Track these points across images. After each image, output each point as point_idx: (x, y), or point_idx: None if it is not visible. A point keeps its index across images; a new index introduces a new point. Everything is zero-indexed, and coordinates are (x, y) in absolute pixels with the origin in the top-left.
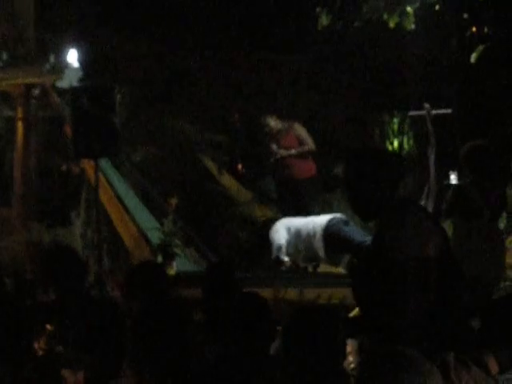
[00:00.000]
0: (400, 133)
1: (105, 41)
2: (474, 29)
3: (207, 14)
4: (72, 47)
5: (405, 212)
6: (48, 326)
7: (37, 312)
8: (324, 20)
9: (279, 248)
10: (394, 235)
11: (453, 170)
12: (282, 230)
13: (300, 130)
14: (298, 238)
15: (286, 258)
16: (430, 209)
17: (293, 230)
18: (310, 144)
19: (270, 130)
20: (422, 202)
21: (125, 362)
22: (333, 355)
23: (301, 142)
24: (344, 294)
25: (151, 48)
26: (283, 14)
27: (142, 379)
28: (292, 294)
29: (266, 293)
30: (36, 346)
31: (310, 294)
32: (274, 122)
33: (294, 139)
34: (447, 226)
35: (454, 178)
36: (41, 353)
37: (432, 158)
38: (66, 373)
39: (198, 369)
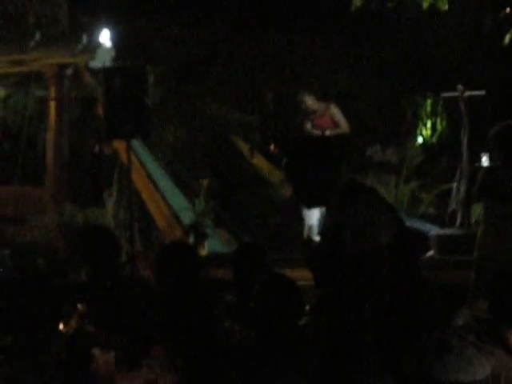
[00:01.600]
0: (433, 114)
1: (137, 21)
2: (507, 10)
3: None
4: (105, 27)
5: (354, 198)
6: (79, 306)
7: (68, 291)
8: (358, 1)
9: (310, 228)
10: (347, 221)
11: (484, 152)
12: (313, 210)
13: (336, 112)
14: None
15: (318, 238)
16: (462, 191)
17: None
18: (344, 126)
19: (306, 108)
20: (455, 184)
21: (155, 341)
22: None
23: (335, 124)
24: None
25: (184, 28)
26: None
27: (172, 359)
28: None
29: (297, 273)
30: (67, 325)
31: None
32: (311, 101)
33: (329, 120)
34: (478, 207)
35: (485, 160)
36: (71, 332)
37: (465, 139)
38: (96, 352)
39: (225, 348)
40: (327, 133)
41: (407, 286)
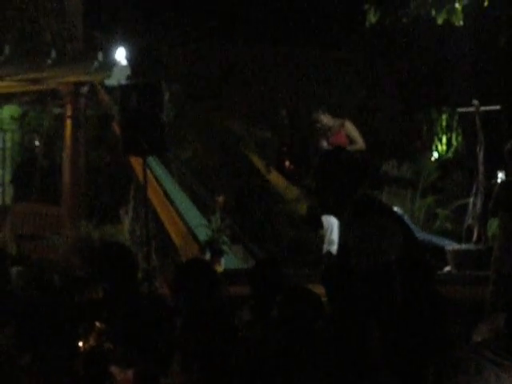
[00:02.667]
0: (448, 129)
1: (152, 38)
2: None
3: (254, 12)
4: (120, 45)
5: (365, 213)
6: (97, 323)
7: (86, 309)
8: (372, 17)
9: (331, 242)
10: (355, 237)
11: (500, 170)
12: (334, 220)
13: (351, 129)
14: None
15: None
16: (478, 206)
17: None
18: (360, 143)
19: (322, 127)
20: (471, 199)
21: (174, 359)
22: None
23: (351, 141)
24: None
25: (199, 45)
26: (331, 11)
27: (191, 376)
28: None
29: (314, 289)
30: (85, 343)
31: None
32: (326, 119)
33: (344, 137)
34: (495, 222)
35: (501, 177)
36: (89, 350)
37: (481, 154)
38: (115, 370)
39: (245, 364)
40: None
41: (421, 301)
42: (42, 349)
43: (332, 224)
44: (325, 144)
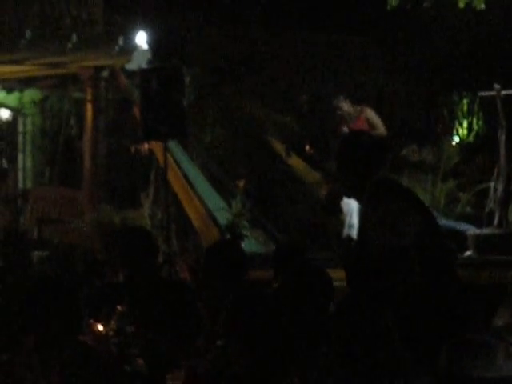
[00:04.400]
0: (469, 113)
1: (173, 22)
2: None
3: None
4: (140, 29)
5: (383, 197)
6: (119, 307)
7: (107, 292)
8: (393, 0)
9: (351, 226)
10: (372, 220)
11: None
12: (355, 204)
13: (371, 115)
14: None
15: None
16: (500, 190)
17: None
18: (381, 129)
19: (343, 113)
20: (492, 184)
21: (198, 341)
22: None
23: (372, 127)
24: None
25: (220, 29)
26: None
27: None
28: None
29: (333, 273)
30: (106, 326)
31: None
32: (346, 106)
33: (364, 123)
34: None
35: None
36: (111, 333)
37: (502, 138)
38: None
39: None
40: None
41: (441, 285)
42: (62, 331)
43: (352, 208)
44: (346, 130)
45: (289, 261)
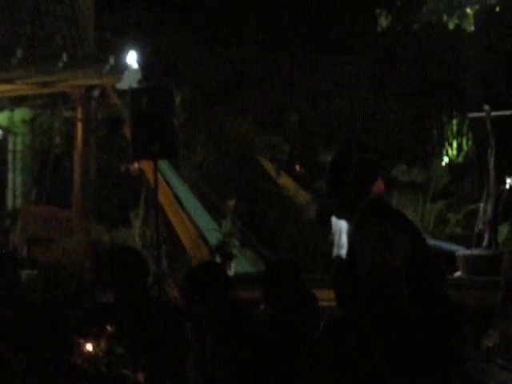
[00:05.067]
0: (459, 134)
1: (164, 42)
2: None
3: (266, 16)
4: (131, 48)
5: (372, 218)
6: (108, 327)
7: (97, 312)
8: (384, 22)
9: (341, 246)
10: (359, 243)
11: (509, 175)
12: (343, 223)
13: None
14: None
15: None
16: (489, 211)
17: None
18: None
19: None
20: (482, 205)
21: (187, 362)
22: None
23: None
24: None
25: (209, 49)
26: (342, 15)
27: (203, 380)
28: None
29: (322, 294)
30: (96, 346)
31: None
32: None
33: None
34: (505, 227)
35: (510, 183)
36: (101, 354)
37: (492, 159)
38: (126, 373)
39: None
40: None
41: (430, 306)
42: (50, 352)
43: (340, 228)
44: None
45: (279, 281)
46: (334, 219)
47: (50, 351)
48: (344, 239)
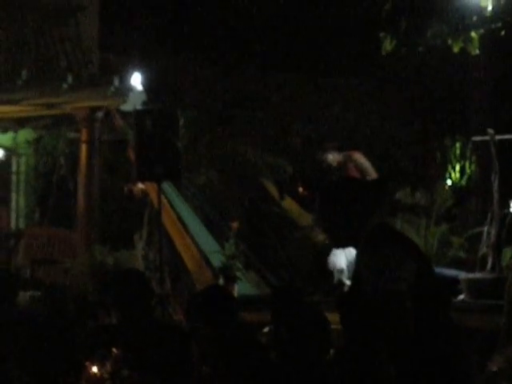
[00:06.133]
0: (462, 157)
1: (167, 64)
2: None
3: (269, 39)
4: (136, 70)
5: (378, 243)
6: (114, 350)
7: (102, 335)
8: (388, 45)
9: (341, 271)
10: (364, 268)
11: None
12: (341, 255)
13: (361, 160)
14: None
15: (348, 282)
16: (493, 235)
17: (350, 255)
18: (372, 174)
19: (330, 165)
20: (485, 228)
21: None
22: None
23: (362, 172)
24: None
25: (213, 71)
26: (345, 38)
27: None
28: None
29: (329, 317)
30: (102, 369)
31: None
32: (332, 157)
33: (354, 170)
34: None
35: None
36: (107, 376)
37: (495, 183)
38: None
39: None
40: None
41: (435, 331)
42: (56, 373)
43: (336, 253)
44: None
45: (286, 304)
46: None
47: (55, 372)
48: (341, 264)
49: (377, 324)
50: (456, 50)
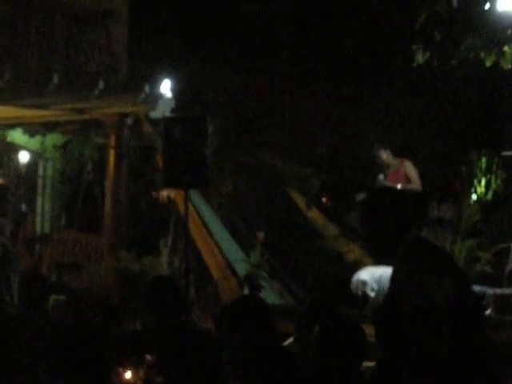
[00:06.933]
0: (488, 171)
1: (196, 71)
2: None
3: (300, 49)
4: (165, 77)
5: (415, 256)
6: (148, 356)
7: (136, 340)
8: (420, 57)
9: (364, 283)
10: (401, 281)
11: None
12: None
13: (410, 169)
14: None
15: (372, 294)
16: None
17: (377, 274)
18: (417, 184)
19: (382, 162)
20: None
21: None
22: None
23: (408, 180)
24: None
25: (242, 80)
26: (374, 50)
27: None
28: None
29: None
30: (135, 375)
31: None
32: (385, 155)
33: (402, 176)
34: None
35: None
36: (140, 383)
37: None
38: None
39: None
40: (399, 186)
41: (471, 346)
42: (81, 379)
43: (358, 271)
44: (381, 177)
45: (321, 315)
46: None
47: (88, 378)
48: (363, 276)
49: (413, 338)
50: (488, 63)
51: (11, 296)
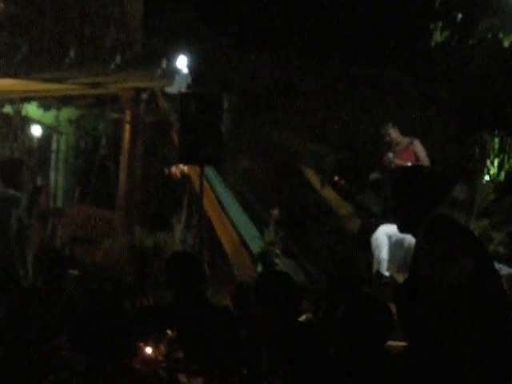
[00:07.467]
0: (501, 152)
1: (213, 47)
2: None
3: (315, 27)
4: (181, 53)
5: (438, 234)
6: (169, 332)
7: (157, 316)
8: (439, 36)
9: (380, 262)
10: (424, 259)
11: None
12: (383, 238)
13: (419, 148)
14: (399, 248)
15: (387, 273)
16: None
17: (394, 238)
18: (426, 164)
19: (391, 140)
20: None
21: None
22: None
23: (417, 159)
24: None
25: (258, 57)
26: (389, 30)
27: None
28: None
29: None
30: (156, 351)
31: None
32: (395, 134)
33: (411, 154)
34: None
35: None
36: (160, 358)
37: None
38: (182, 378)
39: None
40: (408, 164)
41: (490, 328)
42: (97, 356)
43: (380, 243)
44: (391, 155)
45: (347, 293)
46: (374, 235)
47: (110, 352)
48: (384, 255)
49: (435, 316)
50: (506, 44)
51: (26, 270)
